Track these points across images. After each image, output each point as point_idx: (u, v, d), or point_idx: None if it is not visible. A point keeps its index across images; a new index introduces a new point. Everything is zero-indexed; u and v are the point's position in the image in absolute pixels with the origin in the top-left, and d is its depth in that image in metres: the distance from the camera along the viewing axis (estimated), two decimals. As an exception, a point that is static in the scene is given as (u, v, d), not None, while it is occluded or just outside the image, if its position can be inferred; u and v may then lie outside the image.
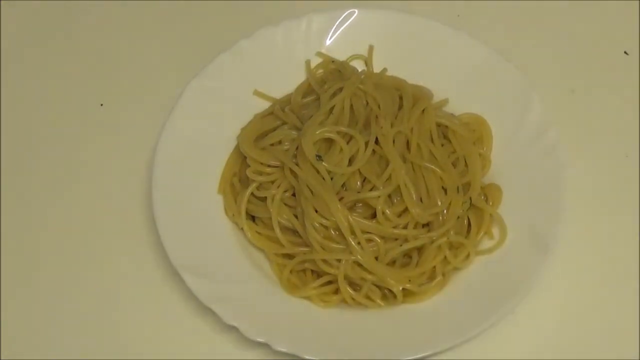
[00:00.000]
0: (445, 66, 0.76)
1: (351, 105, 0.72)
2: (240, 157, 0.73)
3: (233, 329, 0.64)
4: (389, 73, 0.77)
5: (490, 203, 0.71)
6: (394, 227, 0.68)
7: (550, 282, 0.69)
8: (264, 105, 0.76)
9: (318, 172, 0.68)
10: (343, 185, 0.69)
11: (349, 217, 0.67)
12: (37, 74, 0.83)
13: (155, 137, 0.72)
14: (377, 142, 0.70)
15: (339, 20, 0.77)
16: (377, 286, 0.68)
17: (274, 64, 0.77)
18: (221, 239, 0.70)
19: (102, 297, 0.71)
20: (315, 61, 0.78)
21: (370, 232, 0.68)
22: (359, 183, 0.69)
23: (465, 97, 0.75)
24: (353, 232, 0.67)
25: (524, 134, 0.72)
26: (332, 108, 0.71)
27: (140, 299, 0.71)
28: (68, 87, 0.82)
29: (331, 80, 0.75)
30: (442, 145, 0.73)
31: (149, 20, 0.86)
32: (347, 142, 0.69)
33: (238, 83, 0.76)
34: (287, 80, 0.77)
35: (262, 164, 0.71)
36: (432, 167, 0.70)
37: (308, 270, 0.70)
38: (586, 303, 0.70)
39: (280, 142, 0.72)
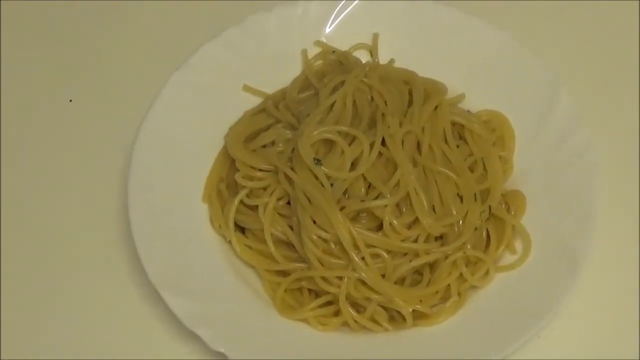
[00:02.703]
0: (461, 57, 0.77)
1: (354, 102, 0.72)
2: (227, 161, 0.74)
3: (220, 355, 0.64)
4: (397, 64, 0.77)
5: (513, 212, 0.71)
6: (403, 241, 0.68)
7: (580, 301, 0.69)
8: (255, 101, 0.76)
9: (316, 177, 0.68)
10: (345, 192, 0.69)
11: (352, 229, 0.67)
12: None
13: (132, 137, 0.72)
14: (383, 143, 0.69)
15: (340, 5, 0.78)
16: (384, 307, 0.68)
17: (266, 55, 0.77)
18: (206, 253, 0.70)
19: (73, 318, 0.71)
20: (314, 51, 0.78)
21: (375, 246, 0.68)
22: (363, 190, 0.69)
23: (483, 91, 0.76)
24: (356, 246, 0.67)
25: (551, 134, 0.73)
26: (332, 105, 0.71)
27: (116, 322, 0.71)
28: (32, 81, 0.83)
29: (331, 73, 0.75)
30: (458, 146, 0.73)
31: (124, 4, 0.87)
32: (350, 144, 0.69)
33: (225, 76, 0.76)
34: (281, 73, 0.77)
35: (252, 168, 0.71)
36: (446, 171, 0.70)
37: (305, 289, 0.70)
38: (620, 325, 0.70)
39: (273, 143, 0.72)
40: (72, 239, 0.75)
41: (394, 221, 0.68)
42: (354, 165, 0.69)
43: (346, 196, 0.69)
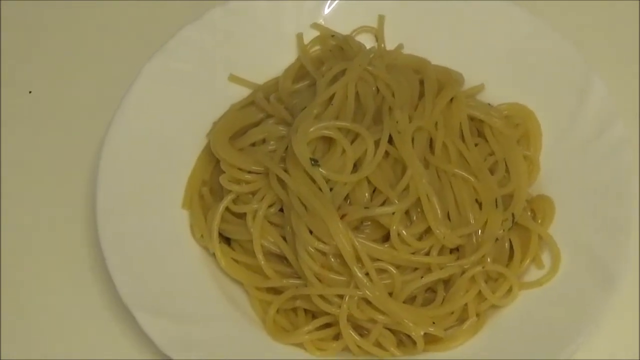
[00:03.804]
0: (479, 42, 0.76)
1: (357, 93, 0.71)
2: (211, 161, 0.73)
3: (202, 384, 0.64)
4: (407, 51, 0.77)
5: (539, 221, 0.71)
6: (413, 253, 0.67)
7: (616, 322, 0.69)
8: (243, 93, 0.76)
9: (313, 181, 0.67)
10: (346, 198, 0.68)
11: (354, 240, 0.66)
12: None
13: (101, 134, 0.71)
14: (390, 141, 0.69)
15: (342, -17, 0.77)
16: (391, 330, 0.68)
17: (255, 40, 0.76)
18: (187, 268, 0.69)
19: (37, 342, 0.71)
20: (310, 35, 0.77)
21: (381, 260, 0.67)
22: (366, 195, 0.68)
23: (505, 82, 0.75)
24: (359, 260, 0.66)
25: (582, 130, 0.72)
26: (331, 97, 0.71)
27: (85, 347, 0.71)
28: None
29: (331, 61, 0.74)
30: (476, 145, 0.72)
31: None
32: (352, 142, 0.68)
33: (208, 64, 0.75)
34: (272, 61, 0.77)
35: (240, 169, 0.70)
36: (463, 173, 0.70)
37: (300, 309, 0.69)
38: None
39: (263, 142, 0.72)
40: (31, 253, 0.74)
41: (403, 231, 0.67)
42: (356, 167, 0.68)
43: (348, 202, 0.68)
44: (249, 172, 0.70)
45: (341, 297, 0.66)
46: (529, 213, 0.71)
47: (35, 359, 0.70)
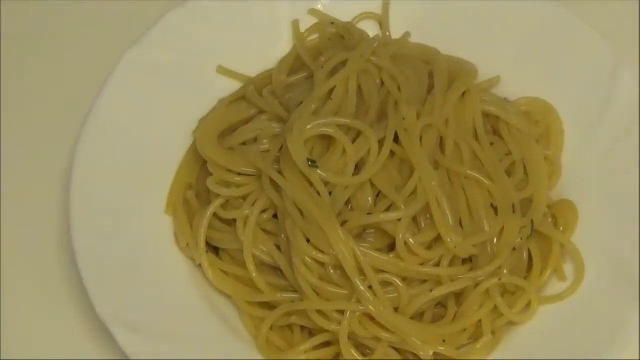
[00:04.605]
0: (494, 30, 0.76)
1: (359, 87, 0.71)
2: (197, 162, 0.73)
3: (186, 409, 0.63)
4: (414, 39, 0.77)
5: (561, 228, 0.70)
6: (421, 264, 0.66)
7: None
8: (233, 86, 0.75)
9: (311, 184, 0.67)
10: (347, 203, 0.67)
11: (356, 249, 0.65)
12: None
13: (75, 132, 0.71)
14: (396, 139, 0.68)
15: (342, -36, 0.76)
16: (397, 349, 0.67)
17: (246, 27, 0.76)
18: (170, 279, 0.69)
19: (7, 354, 0.71)
20: (308, 23, 0.77)
21: (386, 272, 0.66)
22: (370, 200, 0.67)
23: (524, 74, 0.75)
24: (362, 272, 0.65)
25: (609, 128, 0.71)
26: (331, 91, 0.70)
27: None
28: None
29: (330, 51, 0.74)
30: (491, 144, 0.72)
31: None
32: (353, 141, 0.68)
33: (195, 55, 0.75)
34: (265, 51, 0.76)
35: (229, 171, 0.70)
36: (477, 176, 0.69)
37: (296, 326, 0.68)
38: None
39: (255, 140, 0.71)
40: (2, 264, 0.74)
41: (410, 239, 0.66)
42: (358, 169, 0.67)
43: (349, 208, 0.67)
44: (240, 174, 0.69)
45: (341, 312, 0.65)
46: (550, 219, 0.70)
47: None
